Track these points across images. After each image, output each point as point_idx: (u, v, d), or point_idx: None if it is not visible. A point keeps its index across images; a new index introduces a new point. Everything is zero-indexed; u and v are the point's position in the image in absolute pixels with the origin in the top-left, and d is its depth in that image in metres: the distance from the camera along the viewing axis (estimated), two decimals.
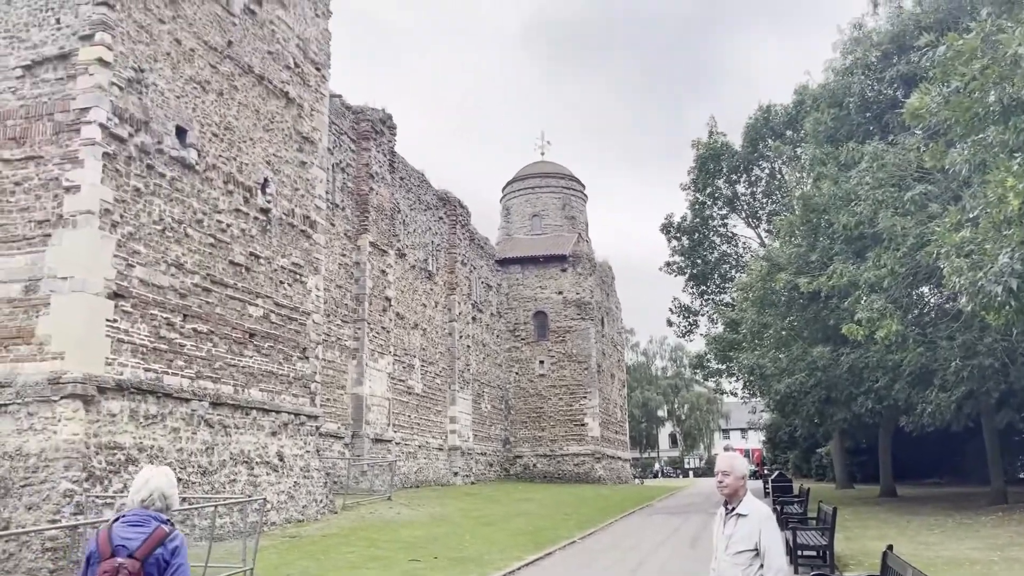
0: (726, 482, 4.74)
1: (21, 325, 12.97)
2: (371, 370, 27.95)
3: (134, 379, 13.73)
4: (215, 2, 16.68)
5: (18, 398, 12.57)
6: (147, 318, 14.26)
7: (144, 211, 14.43)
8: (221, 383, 16.06)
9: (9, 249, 13.34)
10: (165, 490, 3.97)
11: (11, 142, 13.76)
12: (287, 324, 18.53)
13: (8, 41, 14.18)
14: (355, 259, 27.97)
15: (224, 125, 16.79)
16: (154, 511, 3.91)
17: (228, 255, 16.63)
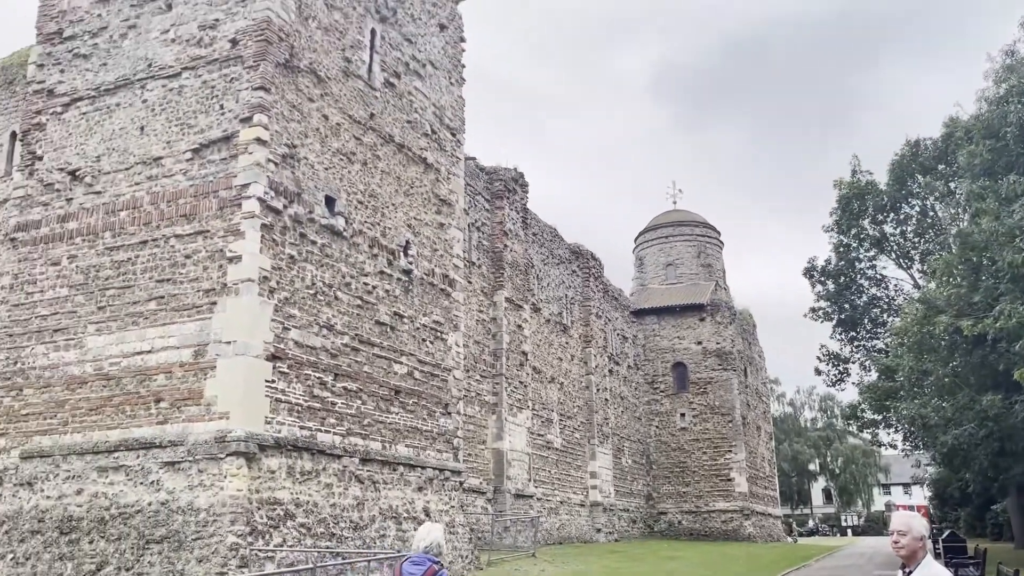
0: (902, 543, 4.43)
1: (192, 387, 13.97)
2: (510, 425, 28.14)
3: (291, 437, 14.45)
4: (358, 78, 17.77)
5: (189, 455, 13.48)
6: (301, 378, 15.03)
7: (298, 276, 15.33)
8: (370, 439, 16.61)
9: (181, 317, 14.48)
10: (440, 540, 5.56)
11: (182, 219, 15.05)
12: (430, 380, 19.03)
13: (180, 128, 15.62)
14: (492, 315, 28.49)
15: (368, 192, 17.70)
16: (431, 555, 5.44)
17: (374, 315, 17.35)
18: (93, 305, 15.32)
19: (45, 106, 17.12)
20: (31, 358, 15.55)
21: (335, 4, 17.25)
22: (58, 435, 14.76)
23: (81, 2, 17.31)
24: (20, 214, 16.73)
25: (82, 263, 15.69)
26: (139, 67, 16.33)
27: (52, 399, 15.08)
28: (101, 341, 15.04)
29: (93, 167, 16.21)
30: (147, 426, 14.10)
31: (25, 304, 15.97)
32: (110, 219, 15.73)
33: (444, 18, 21.36)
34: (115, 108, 16.39)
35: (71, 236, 16.00)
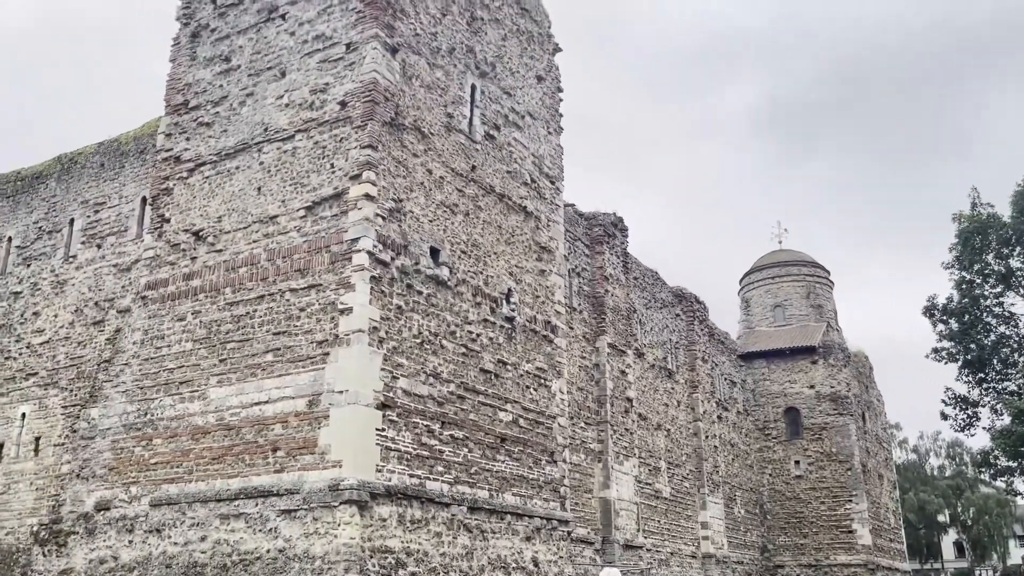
0: None
1: (306, 436, 14.41)
2: (617, 473, 27.64)
3: (401, 485, 14.64)
4: (459, 132, 18.27)
5: (305, 504, 13.84)
6: (410, 426, 15.27)
7: (405, 326, 15.69)
8: (477, 488, 16.64)
9: (296, 367, 15.02)
10: None
11: (297, 273, 15.70)
12: (535, 428, 18.97)
13: (294, 187, 16.41)
14: (595, 361, 28.28)
15: (471, 243, 18.03)
16: None
17: (479, 363, 17.52)
18: (215, 358, 16.09)
19: (172, 172, 18.33)
20: (159, 409, 16.41)
21: (437, 63, 17.89)
22: (184, 483, 15.44)
23: (204, 75, 18.58)
24: (150, 273, 17.84)
25: (205, 318, 16.55)
26: (256, 131, 17.31)
27: (178, 448, 15.83)
28: (222, 392, 15.74)
29: (215, 227, 17.18)
30: (265, 475, 14.58)
31: (154, 358, 16.93)
32: (230, 276, 16.58)
33: (541, 70, 21.78)
34: (235, 171, 17.39)
35: (195, 293, 16.92)
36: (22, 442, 21.56)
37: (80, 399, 20.14)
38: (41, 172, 24.48)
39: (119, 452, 16.57)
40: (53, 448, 20.84)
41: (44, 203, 23.89)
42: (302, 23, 17.35)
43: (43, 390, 21.78)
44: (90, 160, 23.52)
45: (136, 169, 22.31)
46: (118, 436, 16.72)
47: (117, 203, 22.44)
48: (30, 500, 20.66)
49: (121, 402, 17.02)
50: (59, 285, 22.64)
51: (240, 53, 18.15)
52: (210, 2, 19.02)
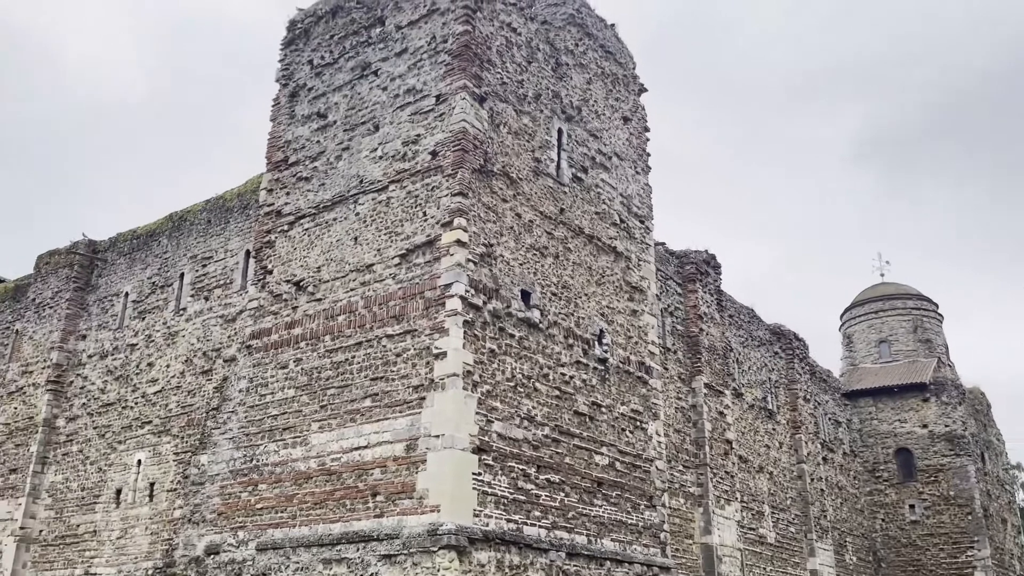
0: None
1: (405, 480, 14.56)
2: (718, 518, 26.78)
3: (498, 530, 14.58)
4: (547, 176, 18.45)
5: (404, 549, 13.94)
6: (506, 470, 15.24)
7: (498, 370, 15.76)
8: (575, 533, 16.40)
9: (394, 412, 15.27)
10: None
11: (392, 320, 16.06)
12: (632, 472, 18.63)
13: (388, 236, 16.87)
14: (691, 402, 27.67)
15: (561, 284, 18.06)
16: None
17: (573, 406, 17.40)
18: (316, 404, 16.53)
19: (274, 225, 19.15)
20: (264, 455, 16.92)
21: (524, 109, 18.20)
22: (288, 528, 15.81)
23: (303, 131, 19.44)
24: (254, 323, 18.57)
25: (306, 365, 17.06)
26: (352, 184, 17.93)
27: (282, 493, 16.25)
28: (323, 438, 16.12)
29: (314, 277, 17.79)
30: (365, 519, 14.78)
31: (259, 405, 17.52)
32: (329, 323, 17.08)
33: (627, 111, 21.85)
34: (332, 222, 18.02)
35: (296, 341, 17.50)
36: (138, 488, 22.56)
37: (191, 446, 20.98)
38: (154, 230, 25.97)
39: (227, 497, 17.12)
40: (166, 493, 21.72)
41: (157, 259, 25.29)
42: (393, 78, 17.99)
43: (157, 437, 22.80)
44: (198, 217, 24.83)
45: (240, 224, 23.40)
46: (226, 482, 17.30)
47: (223, 257, 23.54)
48: (145, 544, 21.53)
49: (228, 448, 17.63)
50: (171, 336, 23.81)
51: (336, 109, 18.93)
52: (307, 63, 19.97)
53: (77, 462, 24.30)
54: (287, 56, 20.57)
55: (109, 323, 25.63)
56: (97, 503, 23.25)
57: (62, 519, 23.85)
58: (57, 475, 24.58)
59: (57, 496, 24.29)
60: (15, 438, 25.70)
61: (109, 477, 23.30)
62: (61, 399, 25.49)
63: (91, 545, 22.80)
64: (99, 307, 26.19)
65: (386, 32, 18.55)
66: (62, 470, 24.54)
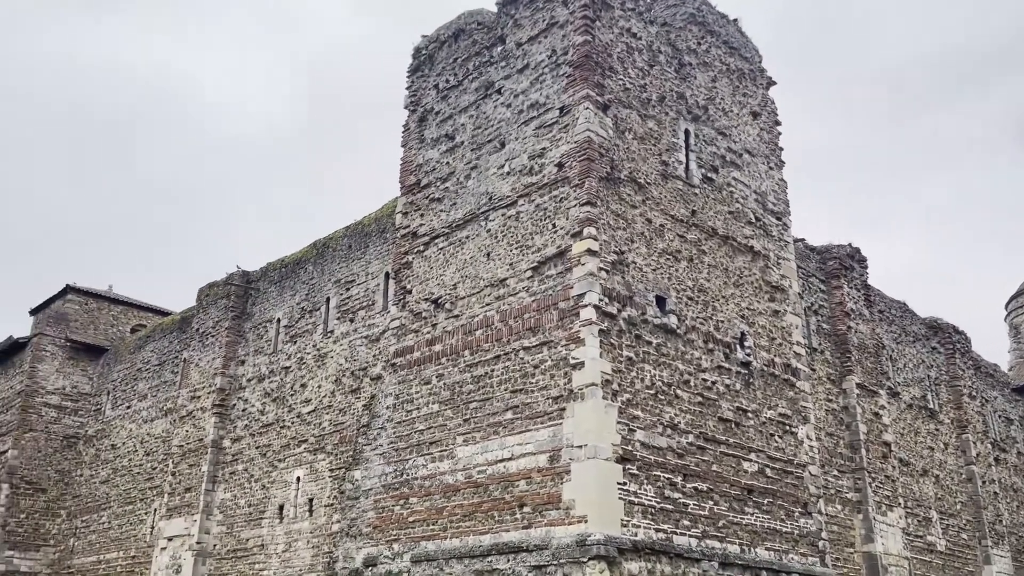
0: None
1: (550, 491, 14.65)
2: (880, 525, 25.30)
3: (647, 540, 14.39)
4: (676, 179, 18.17)
5: (554, 559, 14.00)
6: (651, 479, 15.04)
7: (637, 378, 15.61)
8: (727, 542, 15.96)
9: (535, 424, 15.41)
10: None
11: (528, 332, 16.23)
12: (783, 478, 17.94)
13: (519, 250, 17.10)
14: (842, 403, 26.34)
15: (697, 288, 17.70)
16: None
17: (717, 412, 16.97)
18: (460, 418, 16.92)
19: (411, 247, 19.82)
20: (413, 469, 17.47)
21: (648, 114, 18.02)
22: (440, 540, 16.23)
23: (432, 155, 20.05)
24: (397, 342, 19.25)
25: (448, 380, 17.51)
26: (482, 201, 18.31)
27: (432, 507, 16.71)
28: (468, 451, 16.46)
29: (451, 294, 18.26)
30: (513, 530, 14.96)
31: (406, 421, 18.12)
32: (467, 339, 17.47)
33: (755, 106, 21.22)
34: (465, 240, 18.46)
35: (438, 357, 17.99)
36: (298, 503, 23.81)
37: (344, 462, 21.95)
38: (300, 258, 27.46)
39: (381, 511, 17.78)
40: (324, 508, 22.80)
41: (304, 285, 26.70)
42: (517, 94, 18.27)
43: (312, 455, 24.00)
44: (339, 243, 26.04)
45: (378, 248, 24.36)
46: (379, 496, 17.97)
47: (364, 280, 24.57)
48: (308, 557, 22.67)
49: (379, 464, 18.31)
50: (320, 358, 25.04)
51: (463, 130, 19.42)
52: (432, 88, 20.61)
53: (243, 480, 25.93)
54: (414, 83, 21.30)
55: (264, 348, 27.26)
56: (263, 518, 24.70)
57: (232, 534, 25.49)
58: (226, 493, 26.31)
59: (227, 512, 25.98)
60: (188, 459, 27.73)
61: (272, 494, 24.71)
62: (226, 421, 27.31)
63: (259, 558, 24.23)
64: (255, 333, 27.92)
65: (507, 50, 18.88)
66: (230, 488, 26.24)
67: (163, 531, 27.34)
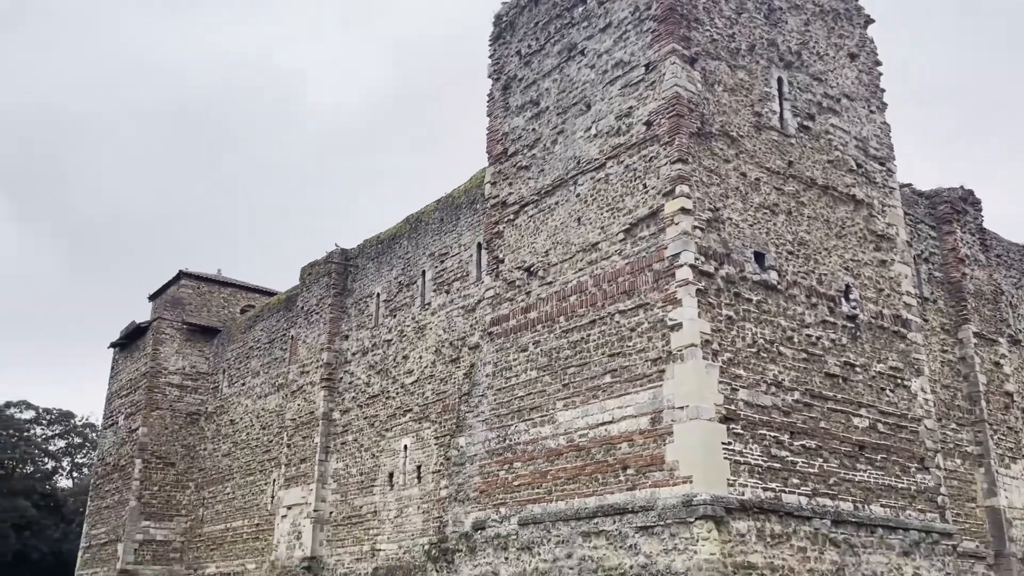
0: None
1: (653, 453, 14.61)
2: (1004, 478, 24.15)
3: (755, 499, 14.20)
4: (770, 129, 17.56)
5: (660, 520, 14.01)
6: (756, 438, 14.79)
7: (738, 336, 15.31)
8: (839, 499, 15.58)
9: (634, 387, 15.36)
10: None
11: (623, 295, 16.12)
12: (897, 433, 17.32)
13: (610, 213, 16.93)
14: (959, 354, 25.11)
15: (797, 241, 17.14)
16: None
17: (822, 368, 16.49)
18: (558, 383, 17.02)
19: (501, 216, 19.92)
20: (515, 435, 17.72)
21: (738, 64, 17.43)
22: (545, 503, 16.46)
23: (518, 122, 20.00)
24: (492, 311, 19.46)
25: (545, 347, 17.61)
26: (570, 166, 18.19)
27: (536, 471, 16.94)
28: (569, 415, 16.57)
29: (543, 261, 18.29)
30: (618, 492, 15.03)
31: (505, 388, 18.37)
32: (562, 305, 17.50)
33: (853, 47, 20.20)
34: (554, 206, 18.41)
35: (533, 324, 18.11)
36: (407, 471, 24.58)
37: (448, 430, 22.49)
38: (395, 234, 28.02)
39: (486, 476, 18.15)
40: (432, 475, 23.47)
41: (400, 260, 27.28)
42: (600, 54, 17.97)
43: (418, 424, 24.68)
44: (431, 217, 26.43)
45: (469, 218, 24.60)
46: (484, 461, 18.34)
47: (457, 252, 24.90)
48: (419, 522, 23.43)
49: (482, 430, 18.67)
50: (420, 330, 25.61)
51: (547, 95, 19.28)
52: (515, 54, 20.51)
53: (353, 450, 26.93)
54: (496, 51, 21.24)
55: (366, 323, 28.07)
56: (374, 486, 25.64)
57: (347, 501, 26.58)
58: (338, 462, 27.41)
59: (341, 481, 27.08)
60: (301, 431, 28.98)
61: (381, 462, 25.59)
62: (334, 394, 28.36)
63: (373, 524, 25.20)
64: (356, 309, 28.77)
65: (588, 10, 18.56)
66: (342, 458, 27.32)
67: (282, 500, 28.76)
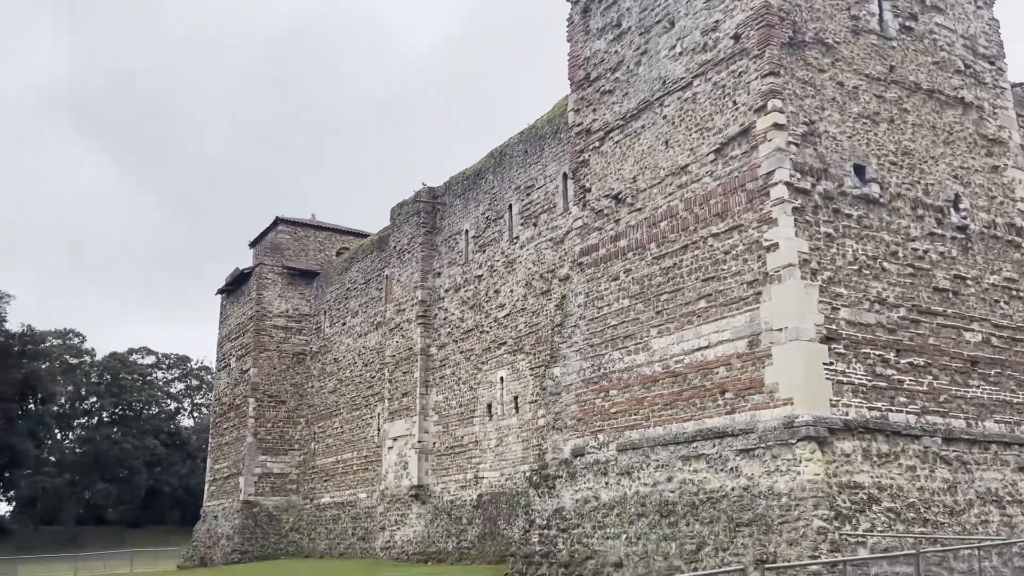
0: None
1: (751, 376, 14.44)
2: None
3: (859, 419, 13.92)
4: (869, 33, 16.55)
5: (760, 442, 13.92)
6: (860, 357, 14.40)
7: (838, 254, 14.79)
8: (950, 417, 15.11)
9: (730, 310, 15.12)
10: None
11: (715, 218, 15.75)
12: (1012, 347, 16.55)
13: (699, 133, 16.44)
14: None
15: (901, 151, 16.29)
16: None
17: (930, 282, 15.82)
18: (652, 311, 16.92)
19: (586, 144, 19.63)
20: (610, 363, 17.80)
21: None
22: (643, 429, 16.58)
23: (599, 45, 19.49)
24: (581, 241, 19.38)
25: (636, 275, 17.48)
26: (655, 87, 17.68)
27: (632, 398, 17.03)
28: (663, 342, 16.50)
29: (631, 188, 18.00)
30: (716, 416, 14.98)
31: (598, 317, 18.39)
32: (652, 231, 17.25)
33: None
34: (640, 130, 18.00)
35: (623, 252, 17.95)
36: (504, 402, 25.13)
37: (542, 361, 22.78)
38: (480, 169, 28.05)
39: (583, 404, 18.38)
40: (529, 405, 23.92)
41: (487, 195, 27.36)
42: None
43: (512, 356, 25.08)
44: (515, 149, 26.29)
45: (553, 149, 24.35)
46: (580, 390, 18.55)
47: (543, 183, 24.76)
48: (519, 450, 24.03)
49: (577, 360, 18.82)
50: (509, 264, 25.79)
51: (628, 15, 18.67)
52: None
53: (452, 383, 27.67)
54: None
55: (457, 259, 28.45)
56: (474, 417, 26.35)
57: (448, 432, 27.45)
58: (438, 395, 28.25)
59: (442, 413, 27.95)
60: (401, 367, 29.91)
61: (479, 394, 26.22)
62: (430, 330, 29.06)
63: (475, 453, 26.00)
64: (446, 246, 29.16)
65: None
66: (441, 391, 28.12)
67: (388, 433, 29.95)
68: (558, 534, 17.73)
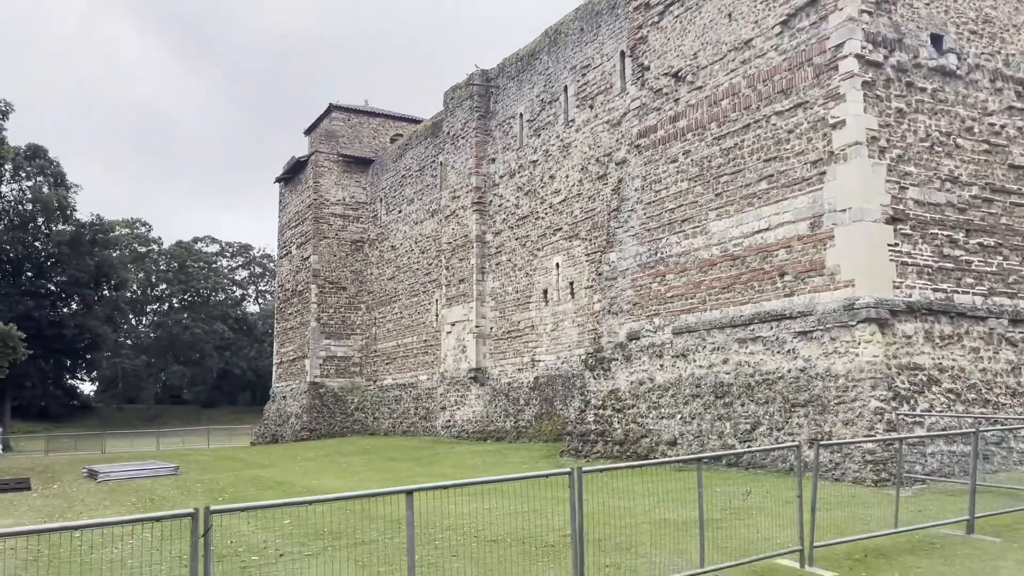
0: None
1: (812, 258, 14.20)
2: None
3: (923, 300, 13.66)
4: None
5: (819, 325, 13.82)
6: (927, 238, 14.00)
7: (909, 131, 14.16)
8: (1018, 298, 14.72)
9: (792, 192, 14.73)
10: None
11: (780, 95, 15.13)
12: None
13: (764, 4, 15.59)
14: None
15: (981, 19, 15.24)
16: None
17: (1006, 159, 15.10)
18: (711, 193, 16.59)
19: (644, 19, 18.82)
20: (667, 247, 17.67)
21: None
22: (699, 312, 16.59)
23: None
24: (639, 122, 18.89)
25: (696, 156, 17.06)
26: None
27: (689, 281, 16.97)
28: (722, 225, 16.25)
29: (691, 64, 17.32)
30: (775, 299, 14.87)
31: (655, 201, 18.13)
32: (713, 110, 16.70)
33: None
34: (702, 2, 17.14)
35: (682, 133, 17.48)
36: (560, 287, 25.30)
37: (598, 246, 22.70)
38: (534, 49, 27.23)
39: (638, 289, 18.40)
40: (584, 290, 24.05)
41: (541, 77, 26.66)
42: None
43: (568, 242, 25.05)
44: (570, 27, 25.36)
45: (611, 25, 23.41)
46: (635, 275, 18.53)
47: (600, 62, 23.96)
48: (575, 334, 24.35)
49: (633, 245, 18.72)
50: (564, 148, 25.38)
51: None
52: None
53: (508, 269, 27.89)
54: None
55: (511, 144, 28.09)
56: (530, 302, 26.66)
57: (505, 317, 27.89)
58: (494, 281, 28.56)
59: (498, 299, 28.33)
60: (457, 254, 30.19)
61: (535, 280, 26.41)
62: (485, 217, 29.09)
63: (531, 337, 26.45)
64: (500, 131, 28.75)
65: None
66: (497, 277, 28.41)
67: (446, 318, 30.58)
68: (613, 414, 18.15)
